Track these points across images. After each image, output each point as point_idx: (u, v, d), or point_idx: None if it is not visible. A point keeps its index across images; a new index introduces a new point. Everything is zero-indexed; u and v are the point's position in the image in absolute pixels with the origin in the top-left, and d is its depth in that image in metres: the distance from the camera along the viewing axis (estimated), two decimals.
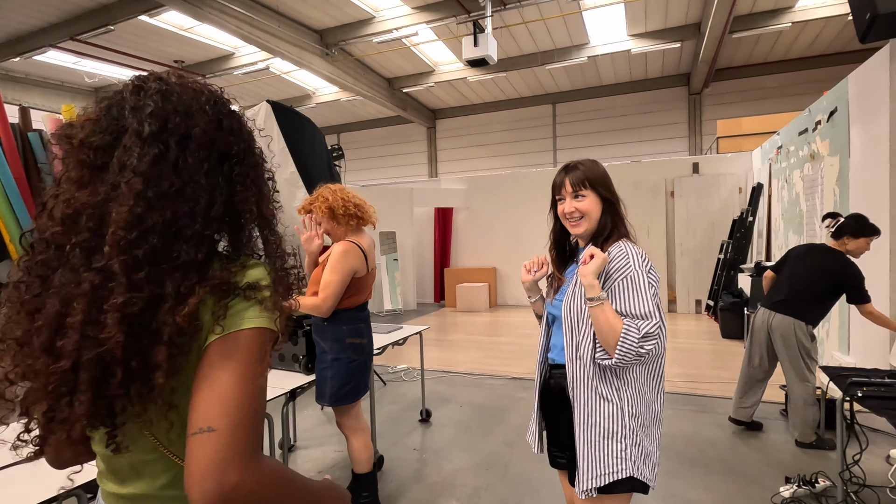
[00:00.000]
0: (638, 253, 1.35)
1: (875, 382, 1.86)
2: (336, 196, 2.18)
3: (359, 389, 2.24)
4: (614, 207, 1.43)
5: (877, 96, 3.46)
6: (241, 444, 0.60)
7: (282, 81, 11.23)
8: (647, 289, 1.30)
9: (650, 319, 1.27)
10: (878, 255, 3.48)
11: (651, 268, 1.34)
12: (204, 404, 0.61)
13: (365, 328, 2.29)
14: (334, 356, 2.18)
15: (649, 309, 1.27)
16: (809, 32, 9.04)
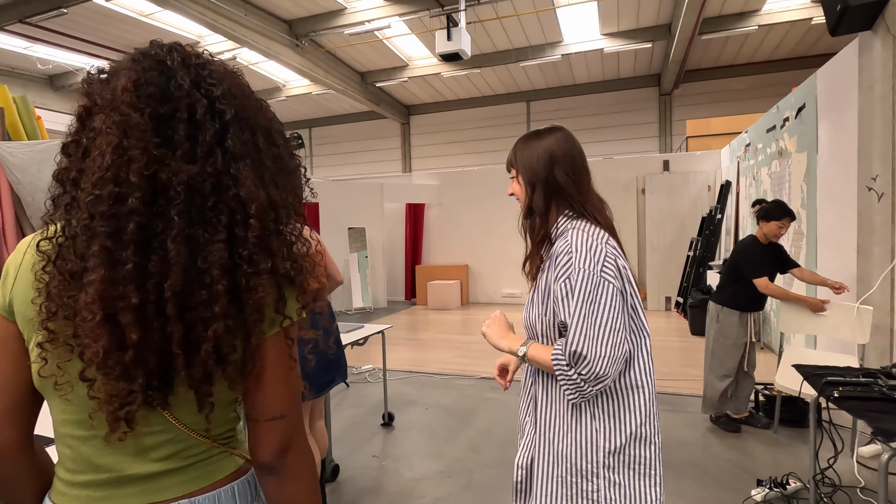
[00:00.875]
0: (586, 242, 1.05)
1: (851, 382, 1.78)
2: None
3: (317, 386, 2.21)
4: (547, 190, 1.15)
5: (845, 91, 3.45)
6: (301, 425, 0.75)
7: (250, 73, 10.83)
8: (584, 293, 1.01)
9: (572, 343, 1.00)
10: (845, 251, 3.48)
11: (604, 261, 1.04)
12: (274, 395, 0.71)
13: (320, 318, 2.24)
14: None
15: (574, 326, 1.00)
16: (775, 36, 9.22)
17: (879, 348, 3.06)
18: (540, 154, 1.16)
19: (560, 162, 1.15)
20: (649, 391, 1.09)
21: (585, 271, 1.03)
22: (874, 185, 3.07)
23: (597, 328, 1.00)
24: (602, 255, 1.04)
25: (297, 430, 0.73)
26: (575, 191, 1.14)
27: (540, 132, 1.21)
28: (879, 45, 2.97)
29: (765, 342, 5.47)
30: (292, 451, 0.72)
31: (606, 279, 1.02)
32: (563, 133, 1.19)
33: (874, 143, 3.06)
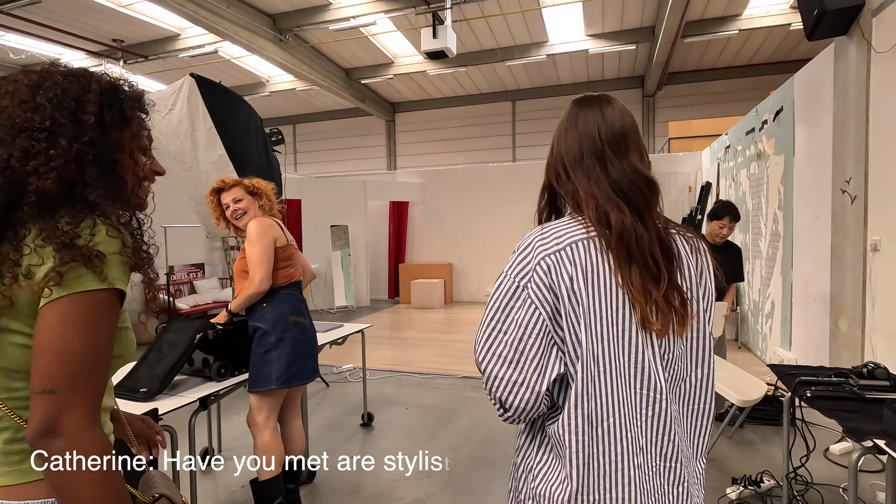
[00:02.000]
0: (525, 246, 0.86)
1: (823, 382, 1.80)
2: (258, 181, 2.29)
3: (306, 373, 2.17)
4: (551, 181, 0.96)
5: (821, 95, 3.51)
6: (82, 412, 0.68)
7: (232, 67, 10.65)
8: (496, 301, 0.84)
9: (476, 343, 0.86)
10: (819, 251, 3.54)
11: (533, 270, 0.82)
12: (40, 364, 0.68)
13: (304, 309, 2.27)
14: (279, 336, 2.11)
15: (480, 328, 0.86)
16: (755, 40, 9.37)
17: (851, 348, 3.12)
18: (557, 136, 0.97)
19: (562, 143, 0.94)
20: (574, 455, 0.80)
21: (507, 277, 0.85)
22: (847, 188, 3.13)
23: (501, 344, 0.82)
24: (533, 263, 0.83)
25: (69, 413, 0.66)
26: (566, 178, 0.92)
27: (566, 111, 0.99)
28: (854, 51, 3.03)
29: (743, 342, 5.56)
30: (60, 437, 0.66)
31: (527, 293, 0.82)
32: (577, 107, 0.96)
33: (848, 147, 3.11)
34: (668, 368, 0.84)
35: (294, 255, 2.25)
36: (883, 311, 2.88)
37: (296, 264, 2.25)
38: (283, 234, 2.20)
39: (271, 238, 2.12)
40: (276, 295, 2.15)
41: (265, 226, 2.12)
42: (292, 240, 2.29)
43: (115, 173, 0.81)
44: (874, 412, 1.61)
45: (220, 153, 3.04)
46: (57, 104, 0.75)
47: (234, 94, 3.18)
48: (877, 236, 2.94)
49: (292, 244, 2.26)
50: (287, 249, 2.20)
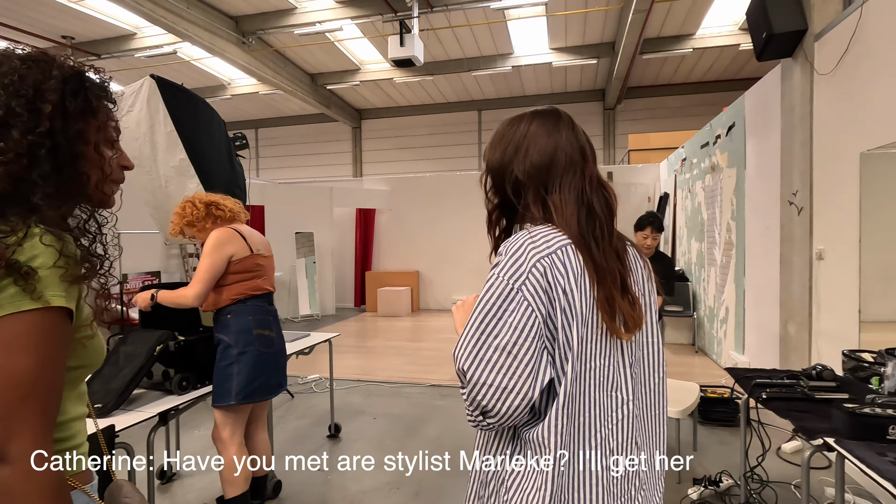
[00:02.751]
0: (517, 248, 0.83)
1: (777, 384, 1.90)
2: (186, 209, 2.13)
3: (269, 388, 2.11)
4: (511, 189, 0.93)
5: (769, 113, 3.73)
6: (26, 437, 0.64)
7: (192, 68, 10.33)
8: (488, 302, 0.80)
9: (458, 346, 0.81)
10: (769, 260, 3.73)
11: (528, 273, 0.81)
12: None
13: (273, 322, 2.19)
14: (240, 349, 2.04)
15: (466, 329, 0.81)
16: (707, 59, 9.87)
17: (799, 351, 3.30)
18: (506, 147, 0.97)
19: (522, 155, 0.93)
20: (556, 459, 0.80)
21: (499, 279, 0.82)
22: (794, 200, 3.32)
23: (491, 349, 0.79)
24: (528, 265, 0.81)
25: (15, 441, 0.63)
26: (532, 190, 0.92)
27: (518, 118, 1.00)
28: (799, 72, 3.24)
29: (699, 346, 5.79)
30: (7, 465, 0.62)
31: (522, 295, 0.80)
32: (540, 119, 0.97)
33: (794, 161, 3.32)
34: (632, 372, 0.87)
35: (262, 266, 2.17)
36: (827, 316, 3.07)
37: (264, 274, 2.17)
38: (244, 246, 2.10)
39: (226, 254, 2.04)
40: (242, 307, 2.08)
41: (223, 239, 2.04)
42: (262, 248, 2.20)
43: (76, 168, 0.75)
44: (823, 412, 1.70)
45: (181, 157, 2.94)
46: (13, 91, 0.69)
47: (196, 96, 3.09)
48: (821, 245, 3.13)
49: (261, 253, 2.18)
50: (251, 260, 2.11)
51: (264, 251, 2.21)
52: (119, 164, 0.83)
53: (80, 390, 0.80)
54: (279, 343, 2.20)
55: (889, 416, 1.47)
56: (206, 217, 2.12)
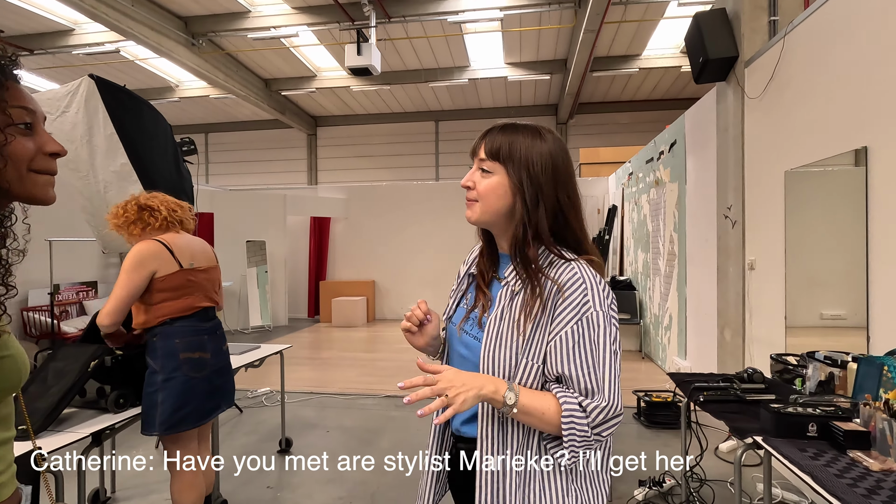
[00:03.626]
0: (595, 278, 0.89)
1: (713, 387, 2.01)
2: (118, 209, 1.98)
3: (200, 414, 1.94)
4: (547, 207, 0.92)
5: (706, 131, 3.98)
6: None
7: (135, 68, 9.86)
8: (608, 342, 0.87)
9: (599, 396, 0.84)
10: (708, 270, 3.96)
11: (613, 301, 0.90)
12: None
13: (209, 340, 2.01)
14: (165, 376, 1.88)
15: (604, 377, 0.85)
16: (652, 79, 10.43)
17: (735, 356, 3.51)
18: (545, 160, 0.92)
19: (562, 177, 0.93)
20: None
21: (604, 313, 0.87)
22: (729, 214, 3.55)
23: (617, 367, 0.88)
24: (611, 293, 0.91)
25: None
26: (574, 218, 0.95)
27: (538, 130, 0.95)
28: (731, 95, 3.48)
29: (645, 353, 6.03)
30: None
31: (614, 321, 0.90)
32: (561, 141, 0.98)
33: (729, 178, 3.55)
34: None
35: (195, 282, 1.97)
36: (758, 323, 3.29)
37: (197, 291, 1.98)
38: (171, 261, 1.90)
39: (146, 272, 1.85)
40: (168, 329, 1.91)
41: (144, 255, 1.85)
42: (200, 260, 2.02)
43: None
44: (753, 412, 1.82)
45: (122, 161, 2.80)
46: None
47: (140, 99, 2.95)
48: (752, 256, 3.36)
49: (195, 267, 1.99)
50: (180, 277, 1.92)
51: (202, 263, 2.03)
52: (44, 151, 0.72)
53: (2, 413, 0.74)
54: (217, 362, 2.03)
55: (809, 414, 1.59)
56: (136, 221, 1.94)
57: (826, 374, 1.91)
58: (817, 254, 2.75)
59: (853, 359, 1.83)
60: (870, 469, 1.35)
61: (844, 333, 2.51)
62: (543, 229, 0.92)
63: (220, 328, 2.13)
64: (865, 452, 1.44)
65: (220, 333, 2.11)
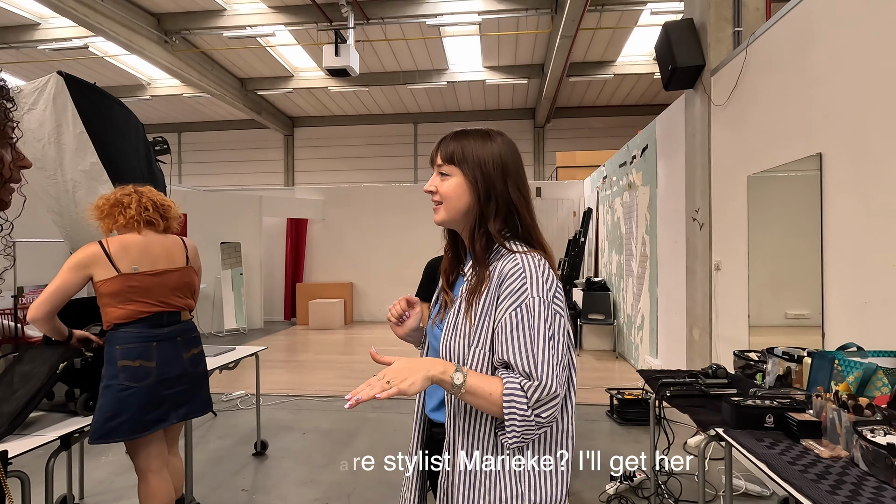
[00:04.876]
0: (538, 268, 0.92)
1: (679, 382, 2.09)
2: (99, 201, 1.98)
3: (135, 425, 1.82)
4: (499, 202, 0.98)
5: (676, 137, 4.11)
6: None
7: (105, 65, 9.60)
8: (544, 327, 0.89)
9: (537, 379, 0.87)
10: (677, 271, 4.08)
11: (556, 290, 0.93)
12: None
13: (157, 348, 1.89)
14: (105, 383, 1.82)
15: (539, 360, 0.88)
16: (626, 85, 10.68)
17: (702, 354, 3.63)
18: (495, 159, 0.99)
19: (512, 174, 1.00)
20: (573, 432, 1.00)
21: (542, 300, 0.90)
22: (697, 216, 3.68)
23: (557, 355, 0.89)
24: (553, 283, 0.93)
25: None
26: (525, 211, 1.00)
27: (488, 133, 1.04)
28: (699, 102, 3.61)
29: (619, 352, 6.17)
30: None
31: (556, 308, 0.91)
32: (510, 141, 1.05)
33: (696, 182, 3.68)
34: None
35: (140, 287, 1.88)
36: (723, 321, 3.41)
37: (142, 297, 1.89)
38: (106, 266, 1.83)
39: (80, 275, 1.81)
40: (113, 334, 1.86)
41: (79, 259, 1.82)
42: (163, 262, 1.95)
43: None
44: (716, 406, 1.90)
45: (91, 161, 2.73)
46: None
47: (111, 97, 2.89)
48: (718, 257, 3.49)
49: (147, 271, 1.90)
50: (120, 283, 1.84)
51: (158, 266, 1.93)
52: (16, 165, 0.75)
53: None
54: (167, 371, 1.90)
55: (766, 406, 1.68)
56: (106, 217, 1.92)
57: (784, 368, 2.01)
58: (780, 256, 2.88)
59: (808, 354, 1.93)
60: (820, 456, 1.43)
61: (807, 332, 2.62)
62: (494, 223, 0.98)
63: (186, 334, 2.01)
64: (817, 441, 1.52)
65: (185, 340, 2.00)
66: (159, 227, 2.00)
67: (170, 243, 2.01)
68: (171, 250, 2.00)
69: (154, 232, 1.98)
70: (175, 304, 1.98)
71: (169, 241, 2.02)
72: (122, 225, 1.92)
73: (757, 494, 2.61)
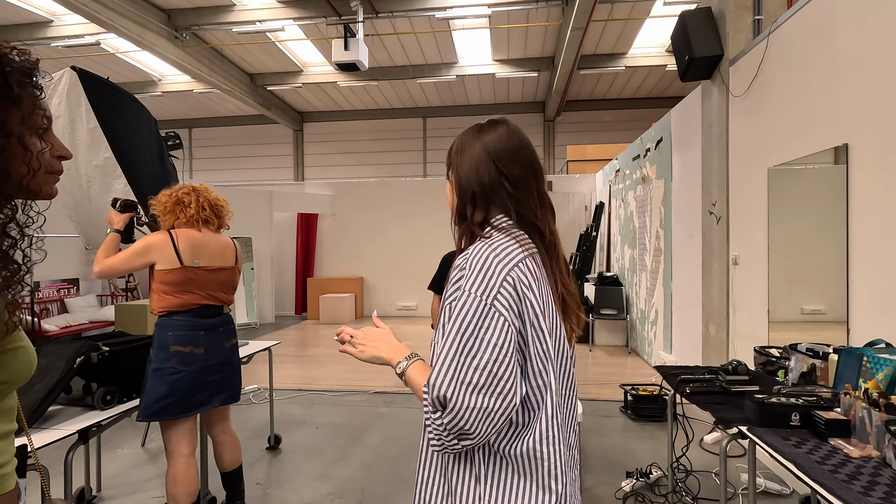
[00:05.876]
0: (482, 257, 0.81)
1: (698, 379, 2.05)
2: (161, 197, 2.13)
3: (183, 406, 1.98)
4: (476, 193, 0.91)
5: (692, 129, 4.04)
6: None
7: (117, 62, 9.66)
8: (458, 329, 0.77)
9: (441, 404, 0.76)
10: (692, 265, 4.02)
11: (500, 286, 0.79)
12: None
13: (205, 336, 2.07)
14: (155, 365, 1.97)
15: (439, 371, 0.77)
16: (638, 77, 10.53)
17: (718, 349, 3.58)
18: (474, 152, 0.94)
19: (501, 158, 0.92)
20: (553, 466, 0.81)
21: (472, 296, 0.78)
22: (714, 210, 3.61)
23: (471, 371, 0.75)
24: (499, 278, 0.79)
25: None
26: (518, 192, 0.91)
27: (482, 125, 0.99)
28: (716, 93, 3.54)
29: (632, 347, 6.11)
30: None
31: (497, 310, 0.77)
32: (507, 130, 0.97)
33: (713, 175, 3.61)
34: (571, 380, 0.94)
35: (195, 280, 2.03)
36: (741, 316, 3.35)
37: (196, 290, 2.04)
38: (171, 257, 1.98)
39: (145, 260, 1.98)
40: (166, 321, 2.01)
41: (150, 245, 1.98)
42: (212, 260, 2.08)
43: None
44: (738, 403, 1.86)
45: (105, 156, 2.74)
46: None
47: (124, 92, 2.89)
48: (736, 252, 3.42)
49: (200, 266, 2.05)
50: (180, 274, 1.99)
51: (212, 263, 2.09)
52: (53, 154, 0.76)
53: (6, 406, 0.74)
54: (212, 358, 2.06)
55: (791, 404, 1.63)
56: (169, 213, 2.08)
57: (808, 365, 1.96)
58: (798, 249, 2.81)
59: (834, 350, 1.88)
60: (850, 456, 1.39)
61: (824, 328, 2.57)
62: (476, 215, 0.92)
63: (227, 325, 2.18)
64: (846, 440, 1.48)
65: (226, 330, 2.16)
66: (214, 225, 2.15)
67: (224, 243, 2.17)
68: (224, 250, 2.16)
69: (210, 230, 2.13)
70: (220, 299, 2.14)
71: (223, 241, 2.18)
72: (182, 222, 2.07)
73: (777, 493, 2.57)
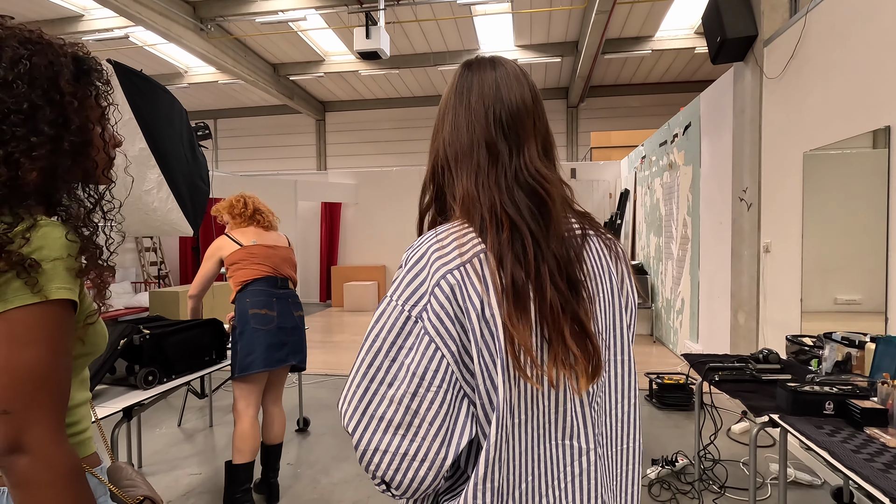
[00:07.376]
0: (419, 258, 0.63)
1: (728, 367, 2.03)
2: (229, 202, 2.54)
3: (266, 361, 2.25)
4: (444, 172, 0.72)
5: (722, 113, 3.93)
6: (43, 426, 0.64)
7: (145, 55, 9.87)
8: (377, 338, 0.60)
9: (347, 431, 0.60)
10: (721, 253, 3.94)
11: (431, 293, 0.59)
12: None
13: (277, 302, 2.37)
14: (240, 329, 2.28)
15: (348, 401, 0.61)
16: (665, 61, 10.25)
17: (748, 339, 3.52)
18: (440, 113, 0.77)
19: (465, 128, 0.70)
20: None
21: (391, 303, 0.61)
22: (745, 197, 3.52)
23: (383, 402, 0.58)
24: (429, 281, 0.60)
25: (30, 432, 0.63)
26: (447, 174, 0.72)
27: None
28: (749, 76, 3.43)
29: (657, 336, 6.05)
30: (24, 455, 0.62)
31: (422, 328, 0.59)
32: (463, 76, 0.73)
33: (744, 160, 3.51)
34: (592, 407, 0.65)
35: (254, 254, 2.37)
36: (772, 305, 3.28)
37: (259, 262, 2.37)
38: (232, 245, 2.39)
39: (215, 260, 2.39)
40: (243, 293, 2.34)
41: (211, 249, 2.40)
42: (266, 240, 2.44)
43: (88, 156, 0.75)
44: (769, 391, 1.84)
45: (140, 146, 2.82)
46: (29, 81, 0.67)
47: (156, 83, 2.97)
48: (768, 239, 3.34)
49: (256, 244, 2.40)
50: (239, 253, 2.37)
51: (267, 242, 2.44)
52: (113, 143, 0.83)
53: (82, 376, 0.81)
54: (284, 322, 2.35)
55: (826, 393, 1.61)
56: (228, 213, 2.49)
57: (843, 354, 1.92)
58: (833, 237, 2.73)
59: (871, 339, 1.84)
60: (887, 445, 1.37)
61: (859, 318, 2.50)
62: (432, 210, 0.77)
63: (294, 298, 2.48)
64: (882, 429, 1.45)
65: (294, 302, 2.46)
66: (264, 223, 2.51)
67: (276, 234, 2.57)
68: (277, 237, 2.54)
69: (261, 227, 2.50)
70: (285, 273, 2.45)
71: (275, 233, 2.56)
72: (237, 224, 2.47)
73: (808, 483, 2.53)
